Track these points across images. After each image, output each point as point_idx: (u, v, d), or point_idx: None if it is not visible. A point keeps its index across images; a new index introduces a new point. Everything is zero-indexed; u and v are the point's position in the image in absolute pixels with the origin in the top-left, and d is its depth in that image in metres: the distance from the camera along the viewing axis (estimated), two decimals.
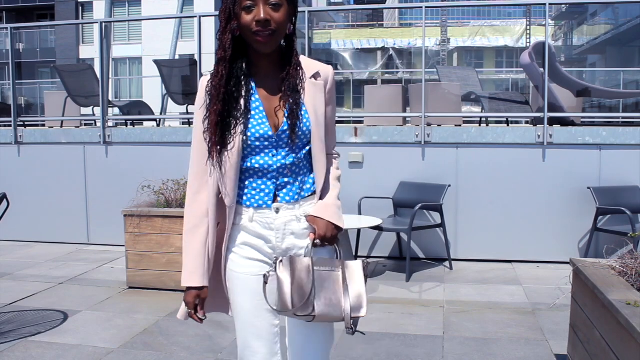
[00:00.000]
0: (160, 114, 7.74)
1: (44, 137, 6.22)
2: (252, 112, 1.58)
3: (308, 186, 1.66)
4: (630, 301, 2.05)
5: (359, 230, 5.16)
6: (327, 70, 1.66)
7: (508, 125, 6.24)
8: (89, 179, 6.02)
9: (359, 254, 5.24)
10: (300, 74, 1.60)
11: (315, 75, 1.63)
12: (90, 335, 3.44)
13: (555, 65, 6.12)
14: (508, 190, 5.17)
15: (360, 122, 7.11)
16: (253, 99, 1.59)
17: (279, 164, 1.60)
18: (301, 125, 1.59)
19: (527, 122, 6.76)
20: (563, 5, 23.49)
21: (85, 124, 7.66)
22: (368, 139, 5.40)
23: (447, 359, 3.07)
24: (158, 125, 7.66)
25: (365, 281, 1.62)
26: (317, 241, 1.62)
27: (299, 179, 1.64)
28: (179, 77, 7.03)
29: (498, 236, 5.19)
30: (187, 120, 7.61)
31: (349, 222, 4.83)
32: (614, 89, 11.97)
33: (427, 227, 4.93)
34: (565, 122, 5.65)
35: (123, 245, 4.51)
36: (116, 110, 8.27)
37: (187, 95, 6.89)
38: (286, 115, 1.57)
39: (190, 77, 6.74)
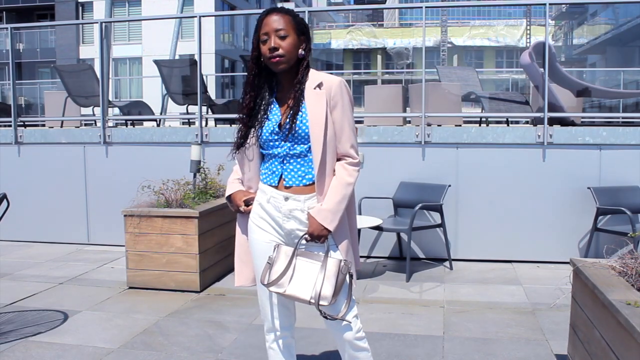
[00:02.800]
0: (160, 114, 7.75)
1: (44, 137, 6.22)
2: (269, 114, 2.07)
3: (310, 176, 2.05)
4: (631, 301, 2.05)
5: (359, 230, 5.14)
6: (330, 80, 2.04)
7: (508, 125, 6.24)
8: (89, 179, 6.02)
9: (359, 254, 5.23)
10: (304, 86, 2.03)
11: (319, 85, 2.03)
12: (90, 335, 3.44)
13: (556, 65, 6.12)
14: (508, 190, 5.17)
15: (361, 122, 7.11)
16: (272, 105, 2.09)
17: (284, 153, 2.05)
18: (300, 124, 2.01)
19: (527, 122, 6.76)
20: (563, 5, 23.49)
21: (85, 124, 7.65)
22: (368, 138, 5.39)
23: (447, 359, 3.07)
24: (158, 125, 7.65)
25: (340, 277, 1.99)
26: (307, 237, 2.01)
27: (302, 168, 2.05)
28: (179, 77, 7.03)
29: (498, 236, 5.19)
30: (187, 120, 7.62)
31: None
32: (614, 88, 11.96)
33: (427, 227, 4.93)
34: (565, 122, 5.65)
35: (123, 245, 4.51)
36: (116, 111, 8.27)
37: (187, 95, 6.88)
38: (288, 117, 2.03)
39: (190, 77, 6.73)
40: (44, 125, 7.42)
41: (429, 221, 5.15)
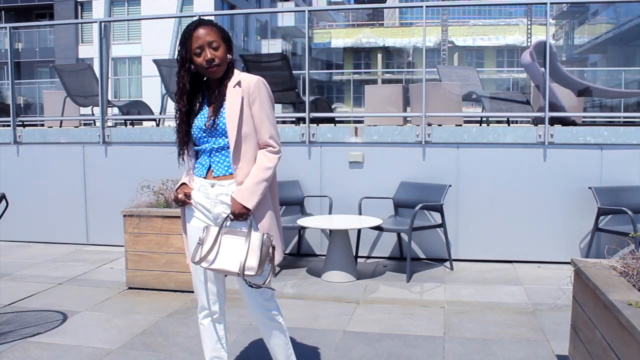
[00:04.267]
0: (160, 113, 7.72)
1: (43, 137, 6.21)
2: (199, 116, 2.33)
3: (235, 166, 2.28)
4: (632, 301, 2.04)
5: (359, 231, 5.14)
6: (249, 79, 2.29)
7: (509, 125, 6.22)
8: (88, 179, 6.00)
9: (359, 254, 5.23)
10: (225, 86, 2.28)
11: (238, 84, 2.27)
12: (89, 335, 3.43)
13: (556, 64, 6.10)
14: (509, 190, 5.16)
15: (361, 121, 7.10)
16: (203, 106, 2.35)
17: (210, 147, 2.32)
18: (220, 119, 2.27)
19: (528, 122, 6.74)
20: (564, 5, 23.47)
21: (85, 124, 7.64)
22: (368, 138, 5.38)
23: None
24: (157, 125, 7.64)
25: (266, 251, 2.20)
26: (231, 216, 2.25)
27: (227, 159, 2.30)
28: None
29: (499, 236, 5.18)
30: None
31: (349, 222, 4.82)
32: (615, 88, 11.95)
33: (428, 227, 4.92)
34: (566, 122, 5.63)
35: (122, 246, 4.50)
36: (115, 110, 8.25)
37: None
38: (213, 114, 2.29)
39: None
40: (43, 125, 7.40)
41: (429, 221, 5.14)
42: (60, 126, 6.87)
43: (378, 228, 4.73)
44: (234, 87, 2.28)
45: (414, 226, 4.59)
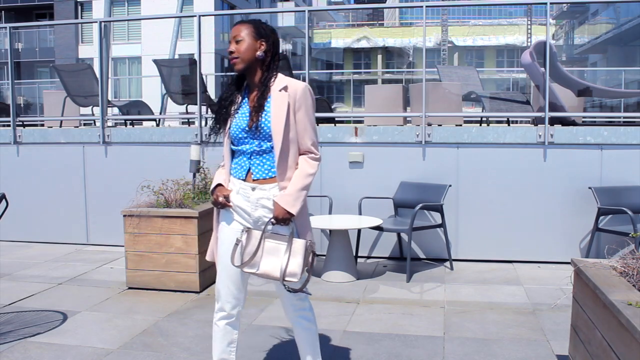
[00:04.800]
0: (160, 113, 7.72)
1: (43, 137, 6.21)
2: (239, 114, 2.33)
3: (275, 169, 2.28)
4: (632, 301, 2.04)
5: (359, 230, 5.14)
6: (296, 85, 2.29)
7: (509, 125, 6.22)
8: (88, 179, 6.00)
9: (359, 254, 5.23)
10: (268, 87, 2.28)
11: (284, 88, 2.27)
12: (89, 335, 3.43)
13: (556, 64, 6.10)
14: (509, 190, 5.16)
15: (361, 121, 7.10)
16: (242, 106, 2.35)
17: (251, 150, 2.30)
18: (264, 122, 2.26)
19: (528, 122, 6.74)
20: (564, 5, 23.47)
21: (85, 124, 7.64)
22: (368, 138, 5.38)
23: None
24: (157, 125, 7.65)
25: (308, 257, 2.22)
26: (273, 220, 2.25)
27: (268, 163, 2.30)
28: (178, 76, 7.01)
29: (499, 236, 5.17)
30: (186, 120, 7.60)
31: (349, 222, 4.82)
32: (615, 88, 11.95)
33: (428, 227, 4.92)
34: (566, 122, 5.63)
35: (122, 246, 4.50)
36: (115, 110, 8.25)
37: (186, 95, 6.86)
38: (255, 115, 2.27)
39: (189, 77, 6.71)
40: (42, 125, 7.40)
41: (429, 221, 5.14)
42: (60, 126, 6.87)
43: (378, 228, 4.73)
44: (280, 91, 2.27)
45: (414, 226, 4.58)
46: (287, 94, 2.27)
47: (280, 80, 2.31)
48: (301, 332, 2.47)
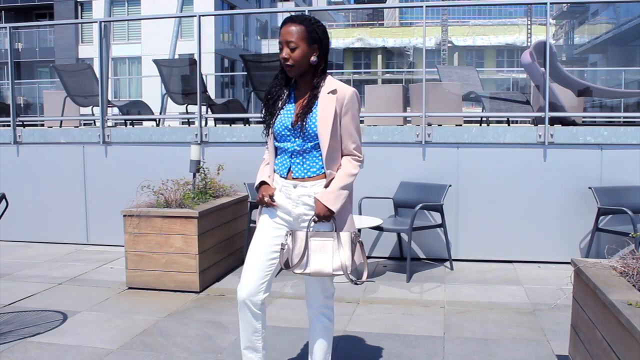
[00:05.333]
0: (160, 113, 7.72)
1: (43, 137, 6.21)
2: (284, 111, 2.35)
3: (314, 169, 2.33)
4: (632, 301, 2.04)
5: (359, 230, 5.13)
6: (345, 89, 2.31)
7: (509, 125, 6.22)
8: (88, 179, 6.00)
9: None
10: (319, 90, 2.31)
11: (333, 91, 2.30)
12: (89, 335, 3.43)
13: (556, 64, 6.10)
14: (509, 190, 5.16)
15: (361, 121, 7.10)
16: (288, 103, 2.38)
17: (292, 149, 2.33)
18: (310, 123, 2.28)
19: (528, 122, 6.74)
20: (564, 5, 23.47)
21: (85, 124, 7.64)
22: (368, 138, 5.38)
23: None
24: (157, 125, 7.64)
25: (355, 247, 2.29)
26: (315, 218, 2.29)
27: (308, 162, 2.34)
28: (178, 76, 7.01)
29: (499, 236, 5.17)
30: (186, 120, 7.60)
31: None
32: (615, 88, 11.96)
33: (428, 227, 4.92)
34: (566, 122, 5.63)
35: (122, 246, 4.50)
36: (115, 110, 8.25)
37: (186, 95, 6.86)
38: (300, 115, 2.30)
39: (189, 77, 6.71)
40: (42, 125, 7.40)
41: (429, 221, 5.14)
42: (60, 126, 6.87)
43: (378, 228, 4.73)
44: (328, 94, 2.30)
45: (414, 226, 4.58)
46: (335, 97, 2.29)
47: (330, 82, 2.33)
48: (320, 329, 2.48)
